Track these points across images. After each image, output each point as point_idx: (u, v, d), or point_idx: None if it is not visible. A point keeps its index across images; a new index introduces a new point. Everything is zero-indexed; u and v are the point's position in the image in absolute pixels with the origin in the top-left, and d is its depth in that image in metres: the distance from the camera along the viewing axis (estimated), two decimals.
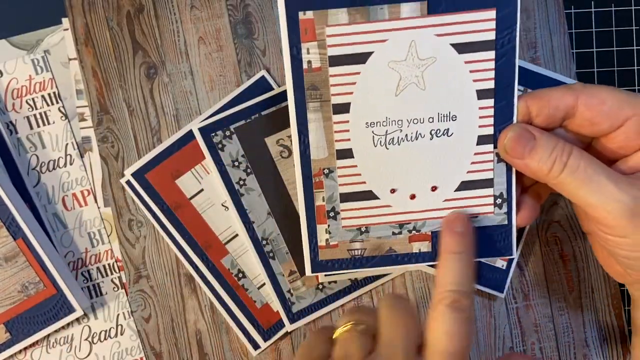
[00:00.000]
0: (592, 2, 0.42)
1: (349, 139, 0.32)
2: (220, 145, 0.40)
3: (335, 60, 0.31)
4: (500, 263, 0.40)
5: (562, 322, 0.41)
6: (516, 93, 0.32)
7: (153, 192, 0.40)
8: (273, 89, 0.41)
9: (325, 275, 0.40)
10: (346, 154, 0.33)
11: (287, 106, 0.40)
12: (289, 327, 0.41)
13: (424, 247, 0.34)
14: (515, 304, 0.41)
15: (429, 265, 0.40)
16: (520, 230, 0.40)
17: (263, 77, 0.41)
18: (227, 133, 0.40)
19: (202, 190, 0.41)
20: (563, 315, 0.41)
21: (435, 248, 0.34)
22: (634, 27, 0.42)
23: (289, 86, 0.32)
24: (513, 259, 0.40)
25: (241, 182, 0.40)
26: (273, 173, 0.40)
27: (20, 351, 0.41)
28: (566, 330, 0.41)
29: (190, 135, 0.40)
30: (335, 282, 0.41)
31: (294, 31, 0.31)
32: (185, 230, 0.40)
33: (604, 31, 0.42)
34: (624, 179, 0.29)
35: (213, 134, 0.40)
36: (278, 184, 0.40)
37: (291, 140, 0.40)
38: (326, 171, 0.33)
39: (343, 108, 0.32)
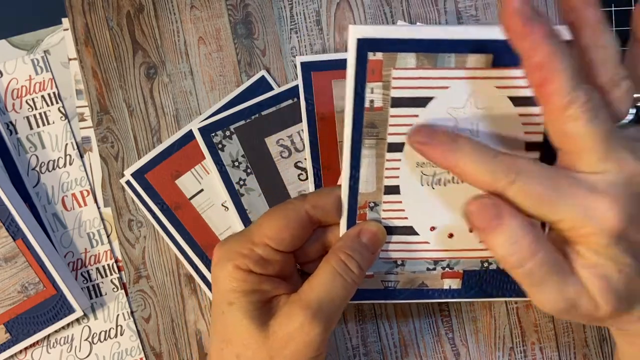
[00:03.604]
0: None
1: (397, 177, 0.33)
2: (220, 145, 0.40)
3: (397, 102, 0.31)
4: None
5: (562, 322, 0.41)
6: None
7: (153, 192, 0.40)
8: (273, 89, 0.41)
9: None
10: (393, 190, 0.33)
11: (287, 106, 0.40)
12: None
13: (455, 284, 0.35)
14: (515, 304, 0.41)
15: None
16: None
17: (263, 77, 0.41)
18: (227, 133, 0.40)
19: (202, 190, 0.41)
20: None
21: (466, 285, 0.35)
22: None
23: (347, 122, 0.32)
24: None
25: (241, 182, 0.40)
26: (273, 173, 0.40)
27: (20, 351, 0.41)
28: (566, 330, 0.41)
29: (190, 135, 0.40)
30: None
31: (361, 71, 0.31)
32: (185, 230, 0.40)
33: None
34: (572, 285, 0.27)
35: (213, 134, 0.40)
36: (278, 184, 0.40)
37: (291, 140, 0.40)
38: (371, 204, 0.33)
39: (397, 147, 0.32)
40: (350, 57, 0.30)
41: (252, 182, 0.40)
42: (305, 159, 0.40)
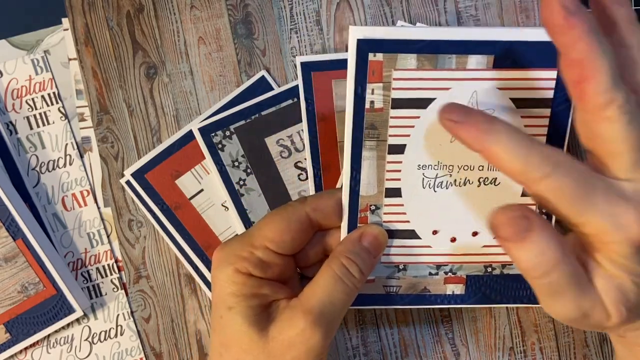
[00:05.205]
0: None
1: (399, 179, 0.33)
2: (220, 145, 0.40)
3: (398, 103, 0.31)
4: None
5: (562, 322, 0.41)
6: (565, 149, 0.32)
7: (153, 192, 0.40)
8: (273, 89, 0.41)
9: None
10: (394, 192, 0.33)
11: (287, 106, 0.40)
12: None
13: (458, 289, 0.35)
14: None
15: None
16: None
17: (263, 77, 0.41)
18: (227, 133, 0.40)
19: (202, 190, 0.41)
20: None
21: (469, 291, 0.35)
22: None
23: (348, 123, 0.32)
24: None
25: (241, 182, 0.40)
26: (273, 173, 0.40)
27: (20, 351, 0.41)
28: (566, 330, 0.41)
29: (190, 135, 0.40)
30: None
31: (362, 71, 0.31)
32: (185, 230, 0.40)
33: None
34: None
35: (213, 134, 0.40)
36: (278, 184, 0.40)
37: (291, 140, 0.40)
38: (372, 207, 0.33)
39: (398, 149, 0.32)
40: (351, 58, 0.30)
41: (252, 182, 0.40)
42: (305, 159, 0.40)
